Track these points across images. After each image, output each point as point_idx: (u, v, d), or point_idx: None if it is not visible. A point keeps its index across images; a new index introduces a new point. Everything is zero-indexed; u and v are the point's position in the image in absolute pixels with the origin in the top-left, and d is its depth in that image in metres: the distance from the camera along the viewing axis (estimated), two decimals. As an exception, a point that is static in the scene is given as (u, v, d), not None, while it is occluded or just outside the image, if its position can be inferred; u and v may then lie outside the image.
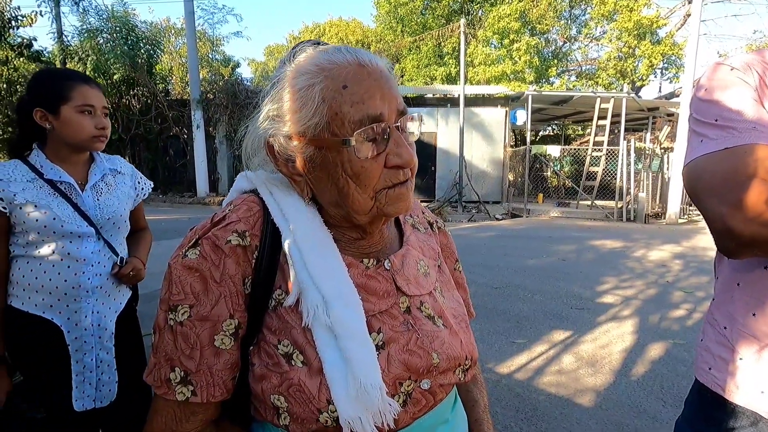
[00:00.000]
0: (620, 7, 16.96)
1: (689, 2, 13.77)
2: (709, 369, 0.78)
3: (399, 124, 0.57)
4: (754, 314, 0.72)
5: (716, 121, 0.70)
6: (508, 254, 6.20)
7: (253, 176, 0.65)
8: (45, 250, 1.17)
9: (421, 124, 0.62)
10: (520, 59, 16.62)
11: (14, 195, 1.14)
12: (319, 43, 0.61)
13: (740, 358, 0.73)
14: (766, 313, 0.70)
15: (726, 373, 0.75)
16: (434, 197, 13.19)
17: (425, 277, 0.67)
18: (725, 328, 0.76)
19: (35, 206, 1.15)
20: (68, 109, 1.17)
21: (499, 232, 8.54)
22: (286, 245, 0.58)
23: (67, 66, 13.75)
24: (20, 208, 1.14)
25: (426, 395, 0.60)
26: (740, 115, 0.68)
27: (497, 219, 10.70)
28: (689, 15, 12.57)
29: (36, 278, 1.18)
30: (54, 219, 1.16)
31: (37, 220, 1.15)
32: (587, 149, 12.03)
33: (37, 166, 1.19)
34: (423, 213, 0.78)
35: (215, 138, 13.84)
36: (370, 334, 0.56)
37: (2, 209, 1.14)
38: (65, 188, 1.21)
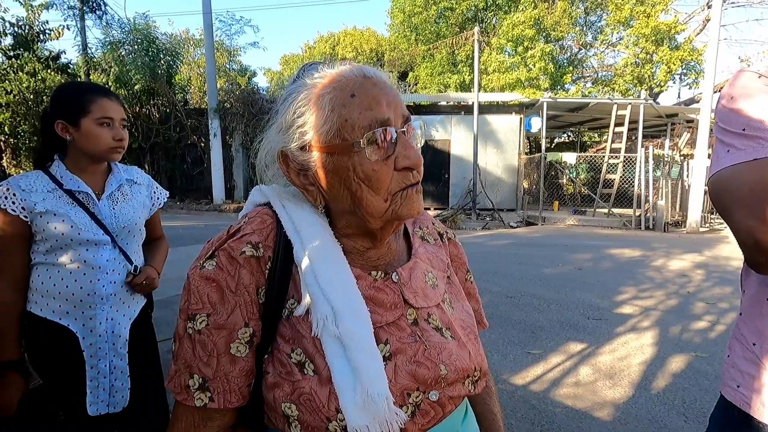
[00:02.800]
0: (637, 12, 16.76)
1: (708, 7, 13.54)
2: (738, 387, 0.75)
3: (405, 129, 0.59)
4: (782, 330, 0.69)
5: (744, 130, 0.68)
6: (522, 263, 6.12)
7: (267, 190, 0.67)
8: (63, 257, 1.21)
9: (425, 132, 0.63)
10: (534, 66, 16.52)
11: (35, 204, 1.18)
12: (326, 62, 0.64)
13: None
14: (795, 329, 0.67)
15: (754, 391, 0.72)
16: (448, 205, 13.13)
17: (433, 289, 0.67)
18: (754, 344, 0.74)
19: (54, 215, 1.19)
20: (88, 121, 1.21)
21: (513, 240, 8.44)
22: (297, 257, 0.60)
23: (91, 77, 14.21)
24: (40, 216, 1.18)
25: (435, 407, 0.60)
26: None
27: (512, 227, 10.58)
28: (709, 20, 12.35)
29: (54, 285, 1.21)
30: (71, 227, 1.20)
31: (55, 228, 1.18)
32: (604, 156, 11.85)
33: (57, 177, 1.23)
34: (433, 224, 0.78)
35: (231, 146, 14.07)
36: (377, 345, 0.57)
37: (24, 218, 1.18)
38: (83, 198, 1.25)
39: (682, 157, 11.76)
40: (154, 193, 1.45)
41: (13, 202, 1.17)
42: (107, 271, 1.25)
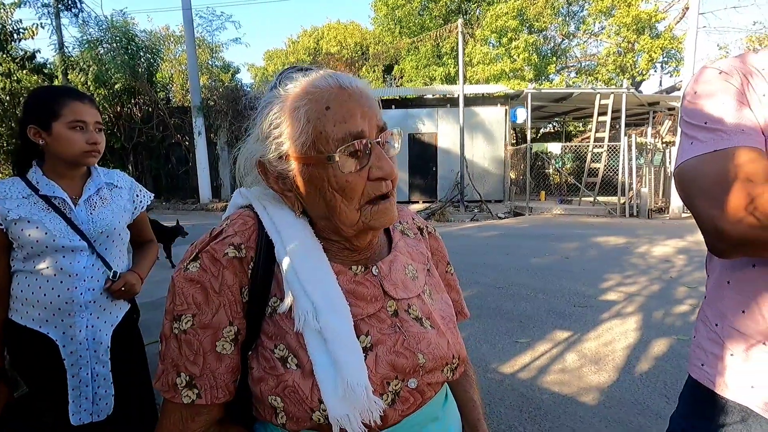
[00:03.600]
0: (618, 2, 16.94)
1: (687, -4, 13.71)
2: (702, 365, 0.79)
3: (379, 139, 0.60)
4: (743, 311, 0.73)
5: (705, 123, 0.71)
6: (510, 253, 6.20)
7: (248, 192, 0.69)
8: (40, 265, 1.19)
9: (401, 139, 0.66)
10: (518, 57, 16.62)
11: (8, 211, 1.16)
12: (302, 69, 0.64)
13: (731, 354, 0.74)
14: (754, 311, 0.71)
15: (717, 369, 0.76)
16: (436, 197, 13.20)
17: (413, 281, 0.70)
18: (716, 325, 0.78)
19: (28, 221, 1.17)
20: (59, 125, 1.19)
21: (501, 231, 8.54)
22: (278, 256, 0.62)
23: (69, 76, 13.88)
24: (14, 223, 1.16)
25: (414, 394, 0.63)
26: (728, 118, 0.69)
27: (499, 218, 10.70)
28: (688, 8, 12.54)
29: (32, 293, 1.20)
30: (46, 233, 1.18)
31: (29, 235, 1.17)
32: (588, 146, 12.01)
33: (33, 183, 1.21)
34: (413, 219, 0.81)
35: (217, 144, 13.92)
36: (358, 336, 0.60)
37: None
38: (59, 203, 1.22)
39: (664, 145, 11.98)
40: (137, 196, 1.42)
41: None
42: (85, 278, 1.23)
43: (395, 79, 21.33)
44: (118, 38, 13.61)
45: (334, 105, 0.58)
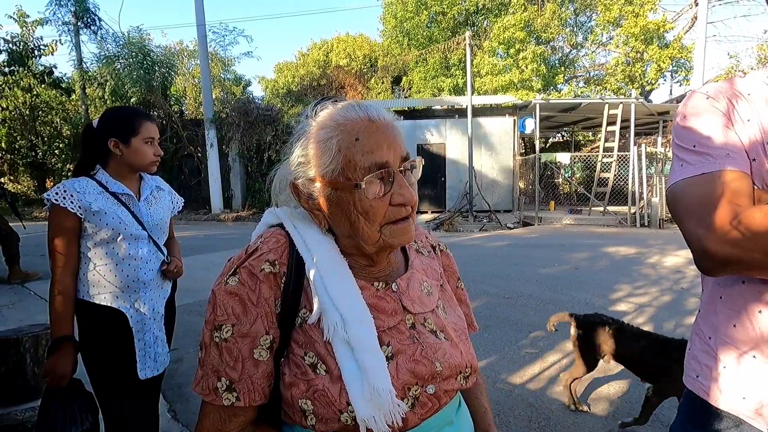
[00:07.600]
0: (626, 12, 16.97)
1: (696, 5, 13.72)
2: (697, 377, 0.84)
3: (402, 168, 0.67)
4: (734, 325, 0.78)
5: (694, 147, 0.76)
6: (520, 263, 6.21)
7: (279, 212, 0.76)
8: (111, 250, 1.45)
9: (421, 166, 0.72)
10: (527, 68, 16.68)
11: (90, 204, 1.40)
12: (334, 99, 0.71)
13: (723, 366, 0.79)
14: (745, 324, 0.76)
15: (711, 380, 0.80)
16: (445, 207, 13.23)
17: (428, 296, 0.76)
18: (710, 338, 0.82)
19: (105, 213, 1.42)
20: (137, 140, 1.46)
21: (510, 241, 8.53)
22: (309, 272, 0.68)
23: (87, 91, 14.29)
24: (94, 214, 1.41)
25: (432, 399, 0.69)
26: (714, 142, 0.74)
27: (509, 228, 10.68)
28: (696, 18, 12.53)
29: (105, 276, 1.44)
30: (120, 223, 1.44)
31: (107, 224, 1.42)
32: (597, 155, 11.98)
33: (103, 182, 1.46)
34: (426, 238, 0.87)
35: (228, 156, 14.13)
36: (381, 347, 0.66)
37: (79, 215, 1.39)
38: (125, 199, 1.48)
39: (674, 154, 11.86)
40: (173, 198, 1.72)
41: (72, 202, 1.38)
42: (147, 261, 1.50)
43: (404, 90, 21.50)
44: (134, 54, 14.00)
45: (363, 137, 0.65)
